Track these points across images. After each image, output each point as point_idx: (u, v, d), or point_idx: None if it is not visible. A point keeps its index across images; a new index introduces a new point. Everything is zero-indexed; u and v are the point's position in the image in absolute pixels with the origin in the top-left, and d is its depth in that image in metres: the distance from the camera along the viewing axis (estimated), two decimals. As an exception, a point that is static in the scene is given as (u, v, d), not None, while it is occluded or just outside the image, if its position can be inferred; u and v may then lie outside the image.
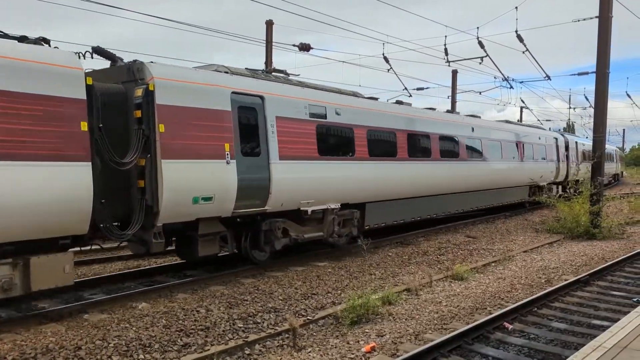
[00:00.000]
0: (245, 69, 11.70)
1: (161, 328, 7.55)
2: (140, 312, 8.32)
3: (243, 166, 10.25)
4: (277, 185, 10.88)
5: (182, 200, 9.18)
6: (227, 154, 9.92)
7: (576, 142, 32.40)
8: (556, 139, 28.50)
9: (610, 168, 46.51)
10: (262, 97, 10.95)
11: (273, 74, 13.10)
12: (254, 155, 10.63)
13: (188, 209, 9.37)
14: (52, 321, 7.91)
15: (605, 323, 7.82)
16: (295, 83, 12.66)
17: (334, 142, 12.71)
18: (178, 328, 7.58)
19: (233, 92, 10.29)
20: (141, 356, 6.63)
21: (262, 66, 19.77)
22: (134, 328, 7.52)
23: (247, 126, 10.56)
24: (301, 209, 11.75)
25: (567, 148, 29.84)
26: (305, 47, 19.78)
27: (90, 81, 8.15)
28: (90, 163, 7.91)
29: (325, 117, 12.34)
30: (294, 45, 19.82)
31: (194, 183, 9.32)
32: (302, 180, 11.67)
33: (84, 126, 7.87)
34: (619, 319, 6.44)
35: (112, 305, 8.68)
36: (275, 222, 11.32)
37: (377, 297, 8.78)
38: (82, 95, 7.94)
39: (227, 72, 10.77)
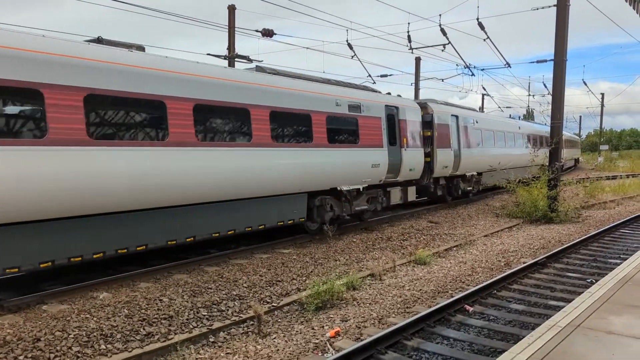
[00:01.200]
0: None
1: (123, 318, 7.44)
2: (102, 302, 8.17)
3: None
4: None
5: None
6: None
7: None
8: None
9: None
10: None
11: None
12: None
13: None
14: (10, 312, 7.70)
15: (560, 303, 8.10)
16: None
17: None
18: (141, 317, 7.48)
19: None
20: (103, 346, 6.52)
21: (225, 52, 19.50)
22: (94, 318, 7.38)
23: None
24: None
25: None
26: (268, 33, 19.56)
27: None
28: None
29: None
30: (256, 31, 19.59)
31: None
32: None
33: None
34: (573, 299, 6.67)
35: (72, 296, 8.50)
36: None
37: (341, 282, 8.86)
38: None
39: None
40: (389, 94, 17.75)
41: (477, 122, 23.10)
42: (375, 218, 16.93)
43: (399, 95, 17.93)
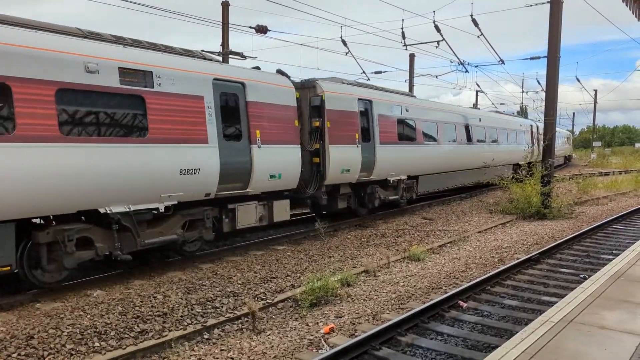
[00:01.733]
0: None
1: (117, 315, 7.42)
2: (95, 299, 8.15)
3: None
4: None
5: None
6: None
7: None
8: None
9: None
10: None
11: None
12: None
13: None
14: (3, 310, 7.66)
15: (553, 299, 8.14)
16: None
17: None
18: (135, 315, 7.47)
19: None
20: (96, 344, 6.51)
21: (219, 49, 19.43)
22: (88, 316, 7.36)
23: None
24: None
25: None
26: (262, 30, 19.51)
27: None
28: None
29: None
30: (250, 28, 19.54)
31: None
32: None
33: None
34: (566, 295, 6.71)
35: (65, 293, 8.47)
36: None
37: (336, 279, 8.87)
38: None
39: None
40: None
41: (407, 110, 17.93)
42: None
43: (256, 68, 12.89)
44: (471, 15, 21.50)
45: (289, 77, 13.24)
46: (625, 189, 26.70)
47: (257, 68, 12.84)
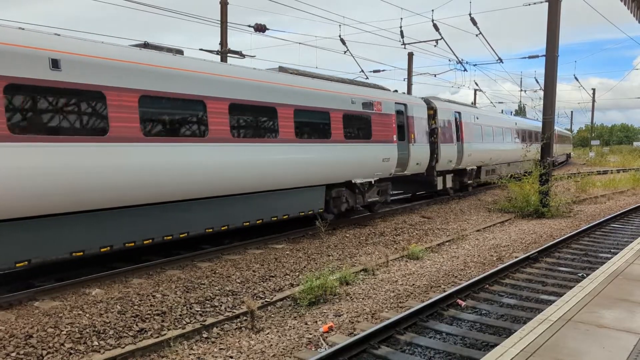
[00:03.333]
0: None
1: (116, 314, 7.42)
2: (94, 298, 8.15)
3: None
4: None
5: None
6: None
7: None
8: None
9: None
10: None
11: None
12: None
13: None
14: (1, 309, 7.66)
15: (552, 297, 8.16)
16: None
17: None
18: (133, 314, 7.46)
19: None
20: (95, 343, 6.50)
21: (217, 47, 19.41)
22: (87, 315, 7.36)
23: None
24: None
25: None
26: (260, 28, 19.49)
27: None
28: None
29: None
30: (249, 26, 19.51)
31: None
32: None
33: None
34: (564, 293, 6.72)
35: (64, 292, 8.46)
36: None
37: (334, 277, 8.88)
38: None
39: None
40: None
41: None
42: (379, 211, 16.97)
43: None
44: (469, 14, 21.56)
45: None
46: (624, 188, 26.76)
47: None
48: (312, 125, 13.19)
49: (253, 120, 11.48)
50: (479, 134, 23.80)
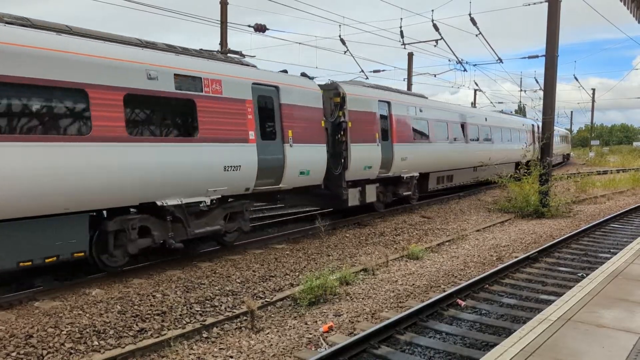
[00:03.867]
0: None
1: (116, 314, 7.43)
2: (94, 298, 8.16)
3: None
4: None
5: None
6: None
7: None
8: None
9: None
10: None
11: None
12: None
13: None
14: (2, 309, 7.67)
15: (552, 297, 8.17)
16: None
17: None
18: (133, 313, 7.47)
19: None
20: (95, 343, 6.51)
21: (217, 47, 19.42)
22: (87, 315, 7.37)
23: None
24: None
25: None
26: (260, 28, 19.50)
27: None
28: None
29: None
30: (249, 26, 19.52)
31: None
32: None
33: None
34: (564, 293, 6.73)
35: (64, 292, 8.47)
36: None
37: (334, 277, 8.88)
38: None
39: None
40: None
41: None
42: (366, 214, 16.96)
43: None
44: (469, 14, 21.56)
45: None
46: (623, 188, 26.76)
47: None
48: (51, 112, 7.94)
49: None
50: (424, 131, 19.05)
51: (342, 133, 14.36)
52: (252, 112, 11.27)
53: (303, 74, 14.04)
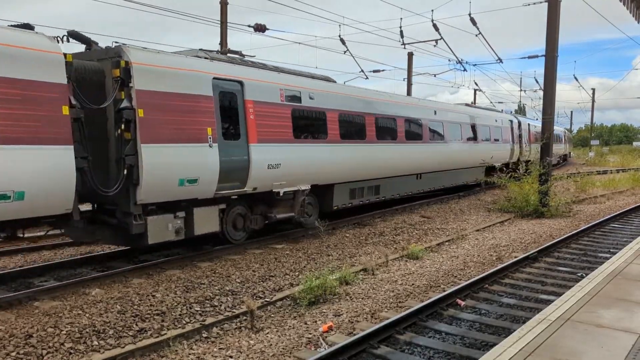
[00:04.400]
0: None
1: (115, 314, 7.43)
2: (94, 298, 8.16)
3: None
4: None
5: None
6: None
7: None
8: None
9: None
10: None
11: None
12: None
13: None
14: (1, 309, 7.67)
15: (551, 297, 8.17)
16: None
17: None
18: (133, 313, 7.47)
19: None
20: (95, 342, 6.51)
21: (217, 47, 19.41)
22: (87, 314, 7.37)
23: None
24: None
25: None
26: (260, 28, 19.50)
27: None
28: None
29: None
30: (249, 26, 19.52)
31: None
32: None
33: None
34: (563, 293, 6.73)
35: (63, 292, 8.47)
36: None
37: (334, 277, 8.88)
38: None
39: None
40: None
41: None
42: (368, 213, 16.97)
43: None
44: (469, 14, 21.58)
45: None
46: (623, 188, 26.77)
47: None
48: None
49: None
50: (320, 127, 13.70)
51: (124, 127, 9.10)
52: None
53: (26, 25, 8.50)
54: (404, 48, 25.91)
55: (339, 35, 22.71)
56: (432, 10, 23.09)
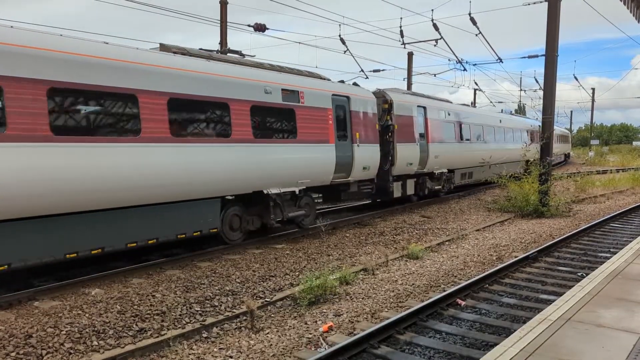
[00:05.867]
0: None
1: (115, 314, 7.42)
2: (94, 298, 8.15)
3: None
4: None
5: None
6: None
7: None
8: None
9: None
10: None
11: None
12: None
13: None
14: (1, 309, 7.66)
15: (551, 297, 8.16)
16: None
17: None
18: (133, 313, 7.46)
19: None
20: (95, 343, 6.51)
21: (217, 47, 19.40)
22: (87, 314, 7.36)
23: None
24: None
25: None
26: (260, 28, 19.47)
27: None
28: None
29: None
30: (249, 26, 19.49)
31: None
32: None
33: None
34: (564, 293, 6.72)
35: (63, 292, 8.46)
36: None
37: (334, 277, 8.88)
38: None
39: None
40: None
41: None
42: (368, 213, 16.96)
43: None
44: (469, 14, 21.55)
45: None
46: (623, 187, 26.76)
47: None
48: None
49: None
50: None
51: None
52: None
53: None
54: (404, 48, 25.86)
55: (339, 35, 22.68)
56: (432, 10, 23.11)
